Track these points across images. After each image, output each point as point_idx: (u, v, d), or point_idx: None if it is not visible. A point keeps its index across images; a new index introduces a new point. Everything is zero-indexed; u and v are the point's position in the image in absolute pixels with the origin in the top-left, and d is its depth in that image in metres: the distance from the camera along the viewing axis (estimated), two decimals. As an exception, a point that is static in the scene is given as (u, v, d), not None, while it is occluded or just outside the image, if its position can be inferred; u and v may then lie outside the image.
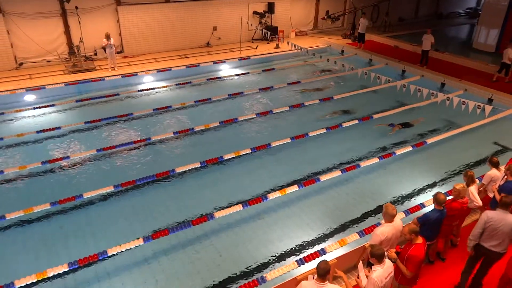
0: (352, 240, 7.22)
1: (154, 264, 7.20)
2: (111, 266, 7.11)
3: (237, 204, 8.31)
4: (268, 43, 20.57)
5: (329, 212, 8.62)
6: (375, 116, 12.54)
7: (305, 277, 5.96)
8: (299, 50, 17.48)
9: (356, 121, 12.21)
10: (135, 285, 6.77)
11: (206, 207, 8.54)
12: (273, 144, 10.76)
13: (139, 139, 11.24)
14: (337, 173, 9.55)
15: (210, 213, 8.03)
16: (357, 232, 7.37)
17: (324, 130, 11.57)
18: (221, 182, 9.65)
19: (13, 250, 7.51)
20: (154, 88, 15.12)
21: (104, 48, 15.84)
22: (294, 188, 8.88)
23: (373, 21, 23.67)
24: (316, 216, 8.51)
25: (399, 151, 10.57)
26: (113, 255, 7.06)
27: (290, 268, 6.63)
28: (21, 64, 16.17)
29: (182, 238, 7.75)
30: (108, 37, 15.37)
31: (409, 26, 24.72)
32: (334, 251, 6.98)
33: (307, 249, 7.57)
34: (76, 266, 6.74)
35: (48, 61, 16.62)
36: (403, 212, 8.04)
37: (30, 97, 13.89)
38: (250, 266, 7.20)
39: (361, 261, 5.76)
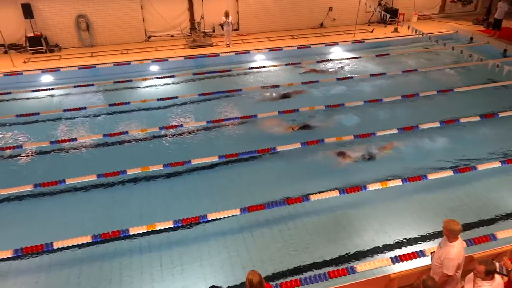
0: (457, 247, 6.59)
1: (247, 235, 7.53)
2: (209, 230, 7.64)
3: (334, 189, 8.20)
4: (385, 27, 19.35)
5: (434, 214, 7.94)
6: (501, 114, 11.08)
7: (399, 276, 5.67)
8: (420, 35, 16.02)
9: (478, 118, 10.95)
10: (228, 251, 7.18)
11: (302, 188, 8.55)
12: (377, 134, 10.28)
13: (245, 115, 11.67)
14: (448, 173, 8.74)
15: (306, 195, 8.07)
16: (464, 240, 6.70)
17: (438, 124, 10.65)
18: (320, 165, 9.56)
19: (131, 202, 8.51)
20: (264, 67, 15.46)
21: (221, 25, 16.63)
22: (397, 182, 8.40)
23: (514, 5, 20.56)
24: (419, 215, 7.94)
25: (529, 157, 9.25)
26: (212, 220, 7.59)
27: (382, 264, 6.37)
28: (149, 37, 17.89)
29: (276, 215, 7.94)
30: (227, 15, 16.06)
31: (561, 12, 20.88)
32: (434, 255, 6.47)
33: (404, 247, 7.14)
34: (180, 224, 7.42)
35: (172, 36, 18.10)
36: (524, 226, 7.07)
37: (154, 68, 15.36)
38: (340, 253, 7.08)
39: (472, 273, 5.21)
